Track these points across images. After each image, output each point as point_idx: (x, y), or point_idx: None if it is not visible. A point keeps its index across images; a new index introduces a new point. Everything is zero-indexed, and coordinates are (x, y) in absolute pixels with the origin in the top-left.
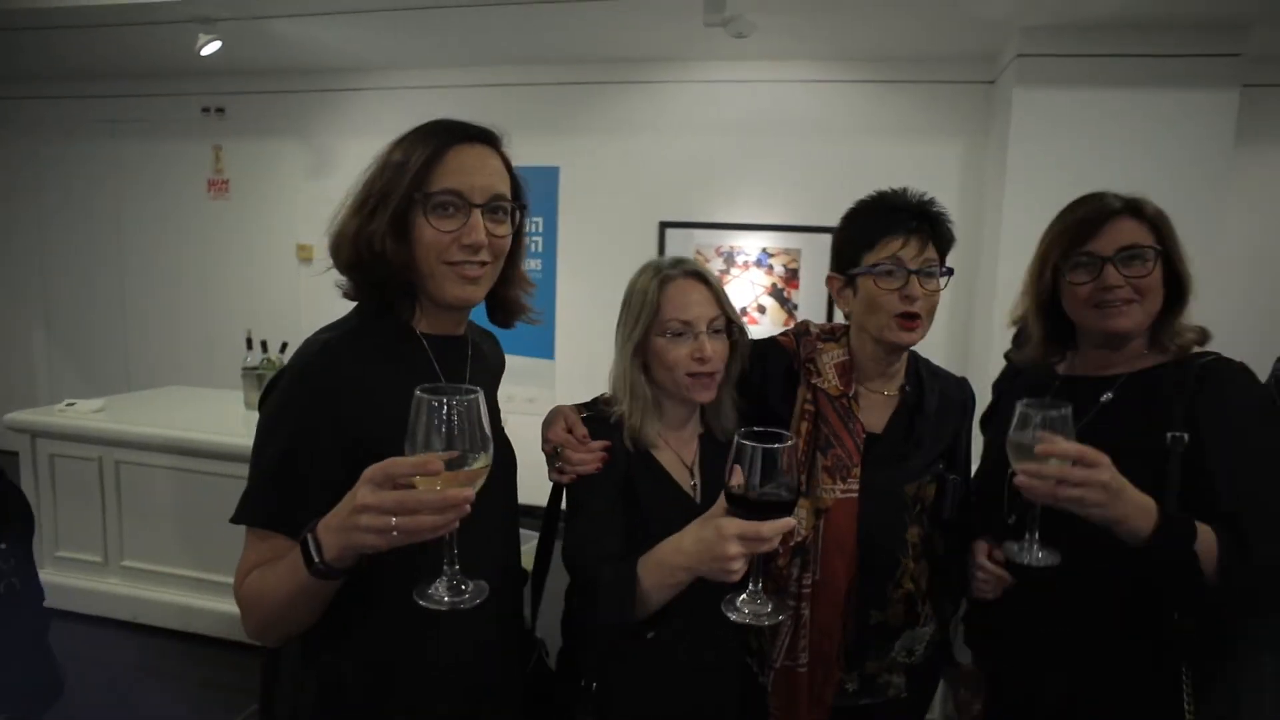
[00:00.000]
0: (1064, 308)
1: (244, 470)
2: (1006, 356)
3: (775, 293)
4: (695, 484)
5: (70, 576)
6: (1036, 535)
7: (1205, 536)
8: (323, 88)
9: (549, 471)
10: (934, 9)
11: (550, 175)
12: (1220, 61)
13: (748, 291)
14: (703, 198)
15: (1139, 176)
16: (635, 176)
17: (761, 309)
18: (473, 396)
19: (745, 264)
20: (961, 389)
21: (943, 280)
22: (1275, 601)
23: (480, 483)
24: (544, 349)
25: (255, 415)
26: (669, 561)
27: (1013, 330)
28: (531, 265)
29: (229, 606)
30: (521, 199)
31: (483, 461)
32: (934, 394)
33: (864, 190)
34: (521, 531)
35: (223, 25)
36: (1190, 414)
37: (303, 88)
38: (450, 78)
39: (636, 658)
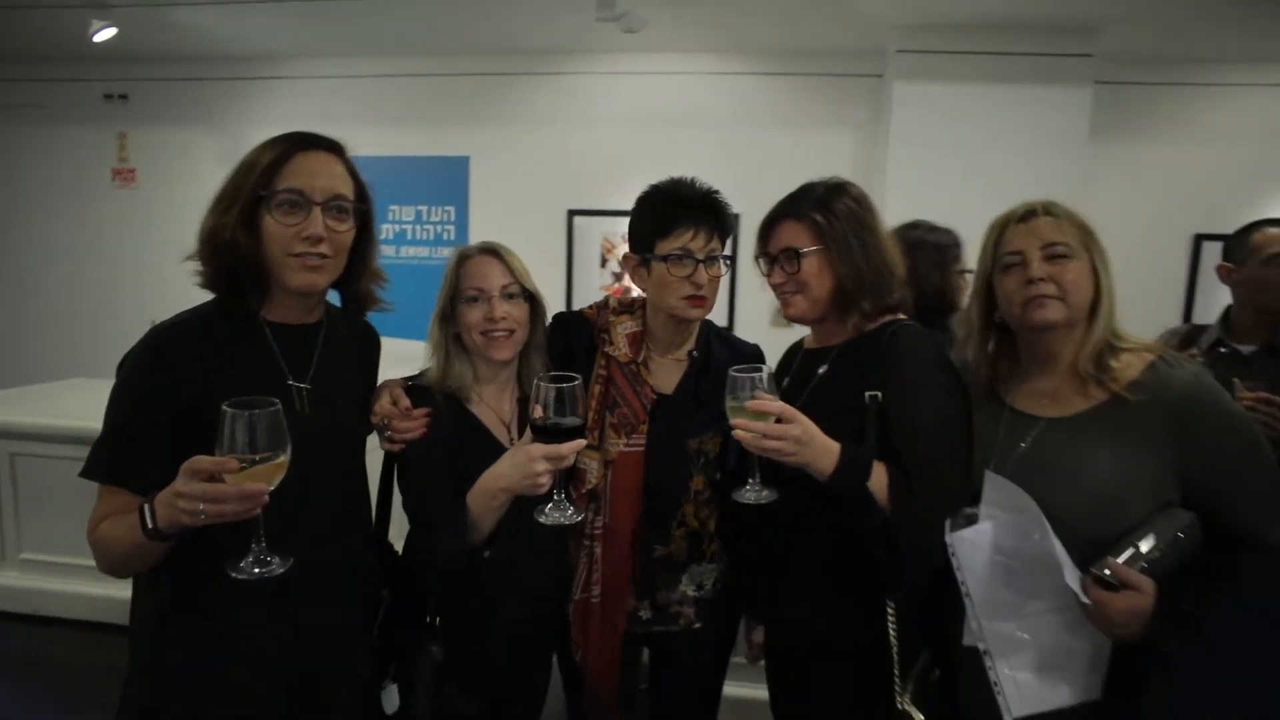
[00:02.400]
0: None
1: None
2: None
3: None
4: (512, 439)
5: None
6: (757, 477)
7: (880, 477)
8: (232, 76)
9: (380, 441)
10: (816, 4)
11: (460, 165)
12: (1076, 61)
13: None
14: (609, 186)
15: (1006, 167)
16: (544, 166)
17: None
18: (273, 408)
19: None
20: (759, 354)
21: (724, 265)
22: (938, 535)
23: (280, 476)
24: None
25: None
26: (490, 487)
27: None
28: (444, 254)
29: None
30: (366, 201)
31: (281, 459)
32: (723, 359)
33: (763, 178)
34: None
35: (119, 11)
36: (881, 375)
37: (211, 75)
38: (361, 68)
39: (471, 590)
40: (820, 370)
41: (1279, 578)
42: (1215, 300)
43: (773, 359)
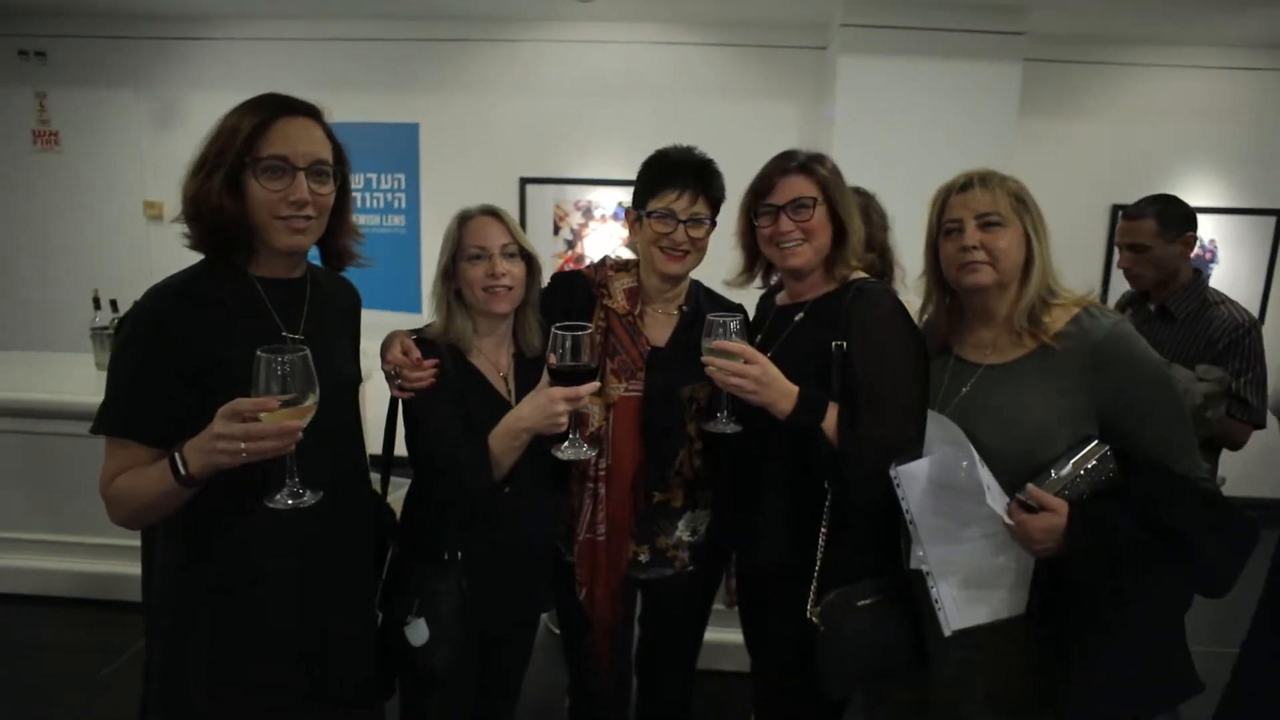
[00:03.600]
0: (759, 247)
1: None
2: (725, 282)
3: (631, 245)
4: (510, 390)
5: None
6: (724, 411)
7: (832, 417)
8: (163, 35)
9: (390, 388)
10: None
11: (410, 132)
12: (1007, 38)
13: (606, 243)
14: (561, 154)
15: (943, 140)
16: (495, 134)
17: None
18: (301, 353)
19: (603, 217)
20: (740, 311)
21: (707, 228)
22: (882, 469)
23: (310, 416)
24: (410, 303)
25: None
26: (514, 427)
27: None
28: (395, 221)
29: (89, 566)
30: (343, 163)
31: (311, 400)
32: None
33: (713, 147)
34: None
35: None
36: (846, 327)
37: (138, 34)
38: (305, 30)
39: (488, 524)
40: (797, 318)
41: (1174, 496)
42: None
43: None
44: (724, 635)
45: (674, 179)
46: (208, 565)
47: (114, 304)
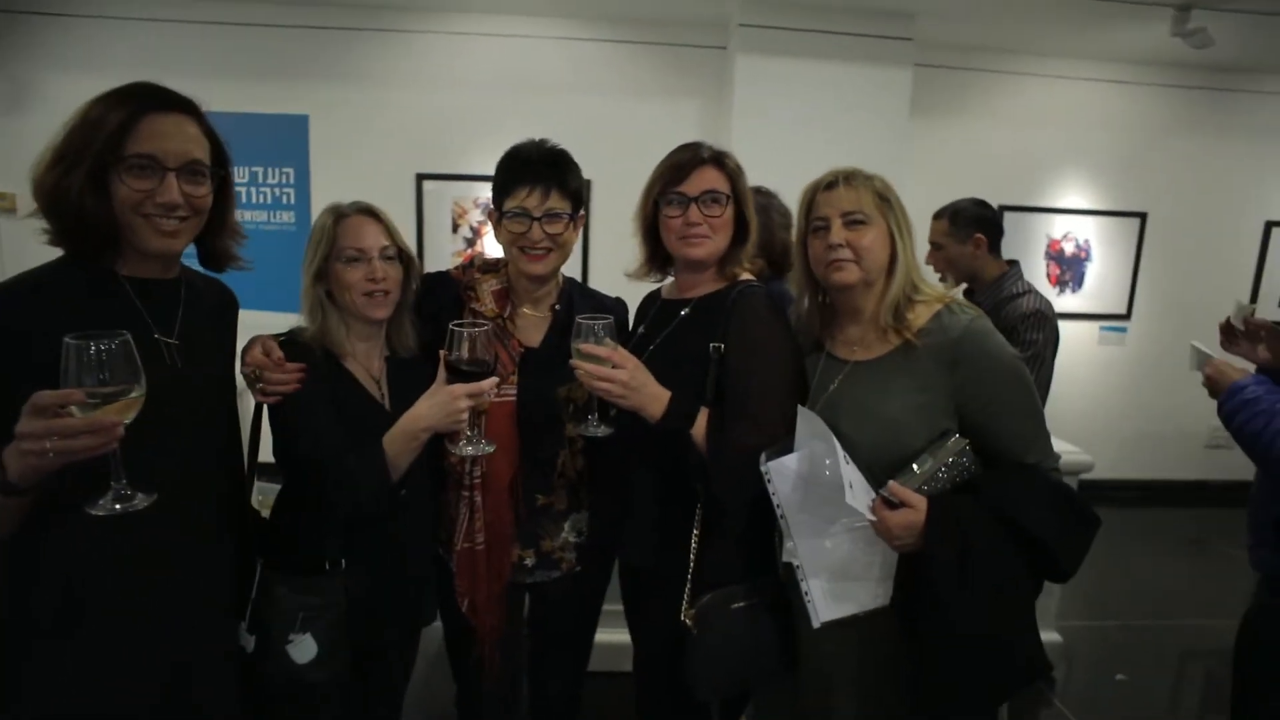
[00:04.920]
0: (661, 237)
1: None
2: (626, 275)
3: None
4: (384, 394)
5: None
6: (595, 415)
7: (702, 422)
8: (13, 8)
9: (252, 393)
10: None
11: (299, 124)
12: (898, 44)
13: None
14: (460, 150)
15: (840, 141)
16: (390, 128)
17: None
18: (122, 338)
19: None
20: (619, 307)
21: (565, 222)
22: (751, 476)
23: (135, 411)
24: (299, 304)
25: None
26: (411, 428)
27: None
28: (283, 217)
29: None
30: (224, 163)
31: (135, 393)
32: (585, 312)
33: (613, 145)
34: None
35: None
36: (724, 329)
37: None
38: (183, 11)
39: (372, 532)
40: (683, 313)
41: (1024, 489)
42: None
43: (633, 310)
44: (622, 636)
45: (525, 175)
46: (33, 591)
47: None
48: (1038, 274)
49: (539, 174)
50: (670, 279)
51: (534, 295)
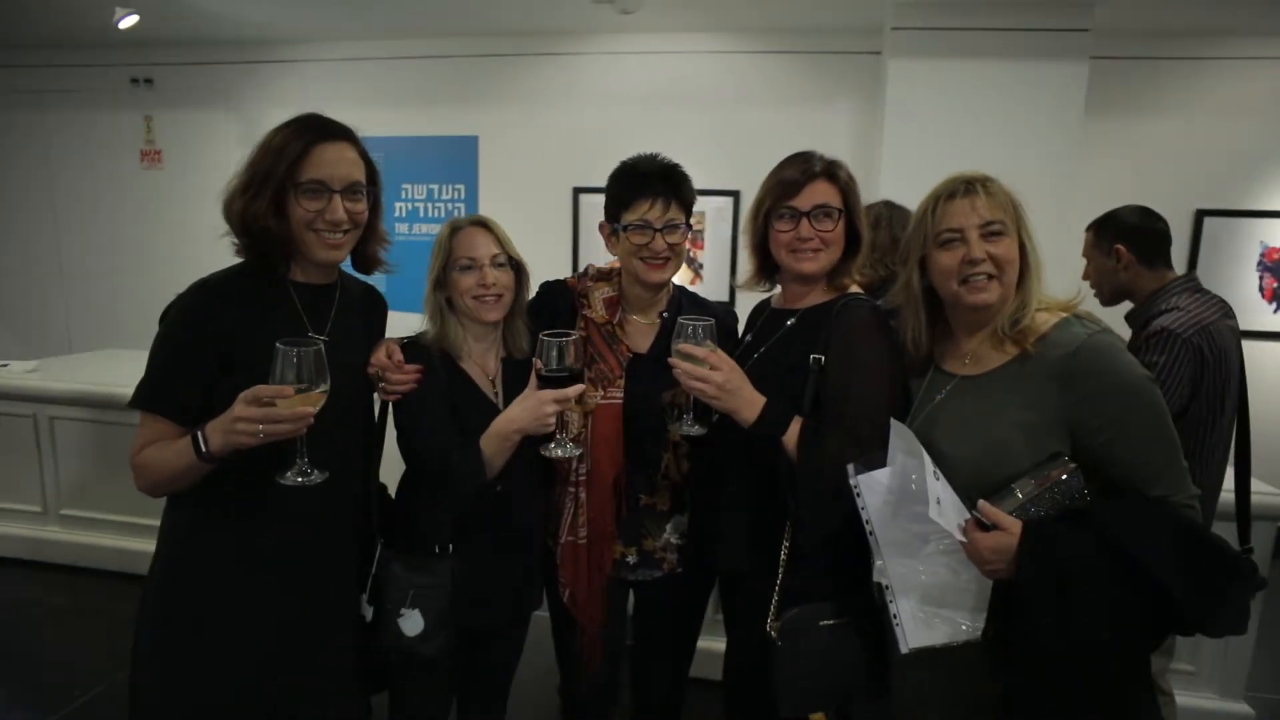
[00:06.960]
0: (770, 250)
1: None
2: (736, 286)
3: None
4: (498, 393)
5: (12, 526)
6: (690, 415)
7: (794, 431)
8: (248, 60)
9: (377, 391)
10: None
11: (470, 144)
12: (1070, 36)
13: None
14: (613, 164)
15: (1001, 144)
16: (549, 145)
17: None
18: (315, 346)
19: None
20: (728, 314)
21: (683, 232)
22: (839, 490)
23: (321, 404)
24: None
25: None
26: (504, 430)
27: None
28: None
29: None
30: (375, 184)
31: (322, 388)
32: None
33: (763, 154)
34: None
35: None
36: (826, 341)
37: (229, 59)
38: (371, 50)
39: (481, 521)
40: (789, 323)
41: (1141, 521)
42: (1222, 275)
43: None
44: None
45: (645, 189)
46: (218, 536)
47: None
48: (1246, 288)
49: (658, 187)
50: (779, 289)
51: (647, 303)
